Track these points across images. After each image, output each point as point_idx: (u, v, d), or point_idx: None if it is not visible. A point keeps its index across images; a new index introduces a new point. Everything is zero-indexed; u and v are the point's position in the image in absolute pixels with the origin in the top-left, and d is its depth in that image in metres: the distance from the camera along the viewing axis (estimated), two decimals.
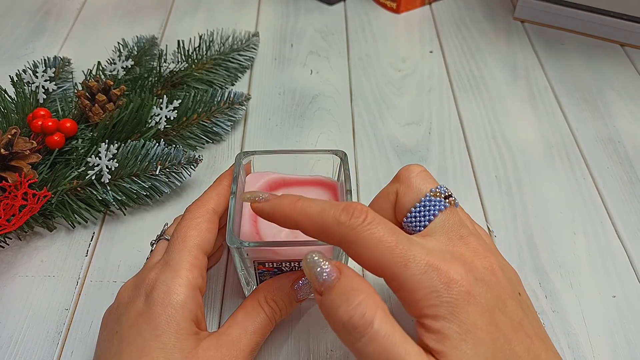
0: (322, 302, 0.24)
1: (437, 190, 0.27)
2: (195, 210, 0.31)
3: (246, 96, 0.49)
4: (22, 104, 0.44)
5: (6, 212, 0.36)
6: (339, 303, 0.23)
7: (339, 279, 0.23)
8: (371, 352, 0.22)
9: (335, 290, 0.23)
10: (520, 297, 0.25)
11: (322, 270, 0.24)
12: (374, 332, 0.22)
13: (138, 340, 0.27)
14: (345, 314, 0.22)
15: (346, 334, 0.23)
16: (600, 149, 0.47)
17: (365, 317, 0.22)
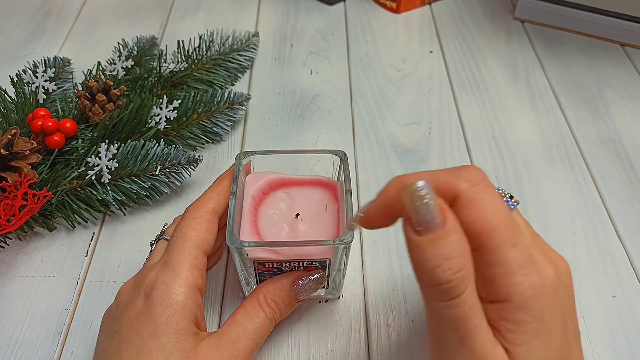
0: (417, 246, 0.21)
1: (501, 190, 0.26)
2: (195, 211, 0.31)
3: (246, 96, 0.49)
4: (22, 104, 0.44)
5: (6, 212, 0.36)
6: (439, 262, 0.21)
7: (443, 226, 0.21)
8: (451, 315, 0.21)
9: (437, 244, 0.21)
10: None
11: (427, 208, 0.21)
12: (464, 298, 0.21)
13: (137, 341, 0.27)
14: (445, 277, 0.21)
15: (434, 292, 0.21)
16: (600, 149, 0.47)
17: (461, 285, 0.21)
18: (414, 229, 0.22)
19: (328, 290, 0.35)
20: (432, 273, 0.21)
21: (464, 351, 0.21)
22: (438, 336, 0.22)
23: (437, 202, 0.21)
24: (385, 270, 0.38)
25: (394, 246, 0.39)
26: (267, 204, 0.33)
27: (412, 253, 0.22)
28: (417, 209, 0.21)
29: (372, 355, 0.33)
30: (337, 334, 0.34)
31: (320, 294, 0.35)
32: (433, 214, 0.21)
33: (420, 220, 0.21)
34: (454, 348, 0.22)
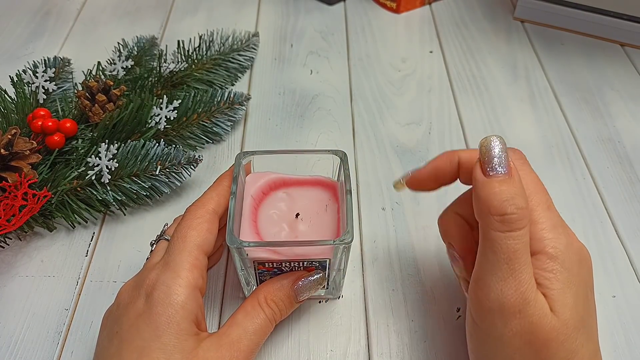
0: (485, 184, 0.25)
1: None
2: (196, 211, 0.31)
3: (246, 96, 0.49)
4: (22, 104, 0.44)
5: (6, 212, 0.36)
6: (507, 197, 0.24)
7: (510, 175, 0.25)
8: (508, 245, 0.24)
9: (505, 184, 0.25)
10: None
11: (498, 157, 0.25)
12: (522, 232, 0.24)
13: (138, 341, 0.27)
14: (511, 208, 0.24)
15: (498, 221, 0.25)
16: (600, 149, 0.47)
17: (523, 220, 0.24)
18: (484, 171, 0.25)
19: (328, 290, 0.35)
20: (500, 204, 0.24)
21: (512, 281, 0.24)
22: (490, 266, 0.25)
23: (506, 152, 0.25)
24: (385, 270, 0.38)
25: (394, 246, 0.39)
26: (267, 204, 0.33)
27: (481, 190, 0.25)
28: (490, 154, 0.25)
29: (372, 355, 0.33)
30: (337, 334, 0.34)
31: (320, 294, 0.35)
32: (504, 163, 0.25)
33: (493, 166, 0.25)
34: (503, 277, 0.24)
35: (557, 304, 0.24)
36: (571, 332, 0.24)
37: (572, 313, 0.24)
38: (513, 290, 0.24)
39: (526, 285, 0.24)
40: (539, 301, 0.24)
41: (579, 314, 0.25)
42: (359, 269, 0.38)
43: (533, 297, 0.24)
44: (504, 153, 0.25)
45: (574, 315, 0.25)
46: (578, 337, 0.25)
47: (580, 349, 0.25)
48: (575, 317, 0.25)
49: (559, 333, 0.24)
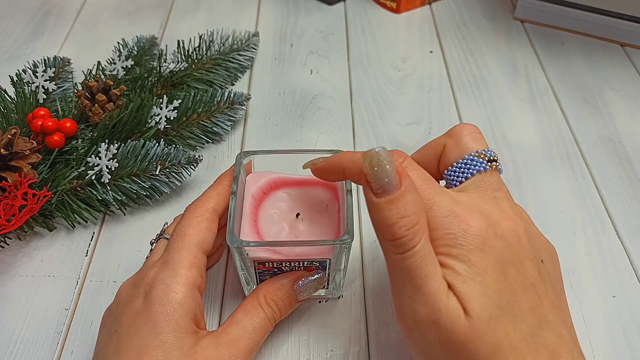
0: (376, 206, 0.24)
1: (483, 152, 0.28)
2: (195, 210, 0.31)
3: (246, 96, 0.49)
4: (22, 104, 0.44)
5: (6, 212, 0.36)
6: (395, 220, 0.23)
7: (399, 188, 0.23)
8: (406, 265, 0.24)
9: (394, 205, 0.23)
10: (542, 264, 0.26)
11: (385, 172, 0.23)
12: (416, 251, 0.23)
13: (137, 339, 0.27)
14: (400, 233, 0.23)
15: (391, 245, 0.24)
16: (600, 149, 0.47)
17: (414, 239, 0.23)
18: (374, 192, 0.24)
19: (328, 290, 0.35)
20: (389, 230, 0.24)
21: (419, 297, 0.24)
22: (398, 287, 0.25)
23: (394, 166, 0.24)
24: (385, 270, 0.38)
25: None
26: (267, 204, 0.33)
27: (372, 213, 0.24)
28: (375, 174, 0.24)
29: (372, 355, 0.33)
30: (337, 333, 0.34)
31: (320, 293, 0.35)
32: (390, 177, 0.23)
33: (379, 183, 0.24)
34: (411, 296, 0.24)
35: (465, 300, 0.23)
36: (486, 326, 0.23)
37: (482, 305, 0.23)
38: (422, 305, 0.24)
39: (434, 296, 0.23)
40: (451, 307, 0.23)
41: (493, 301, 0.24)
42: (359, 269, 0.38)
43: (444, 305, 0.23)
44: (389, 165, 0.23)
45: (485, 307, 0.23)
46: (498, 327, 0.23)
47: (504, 337, 0.23)
48: (487, 307, 0.23)
49: (473, 332, 0.23)
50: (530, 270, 0.25)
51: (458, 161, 0.28)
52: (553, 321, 0.25)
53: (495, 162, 0.27)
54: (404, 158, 0.27)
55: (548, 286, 0.26)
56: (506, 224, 0.26)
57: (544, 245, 0.28)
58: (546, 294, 0.25)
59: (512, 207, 0.27)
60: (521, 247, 0.25)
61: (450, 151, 0.29)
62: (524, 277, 0.25)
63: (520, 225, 0.26)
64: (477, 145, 0.28)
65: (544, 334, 0.24)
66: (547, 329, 0.24)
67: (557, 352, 0.24)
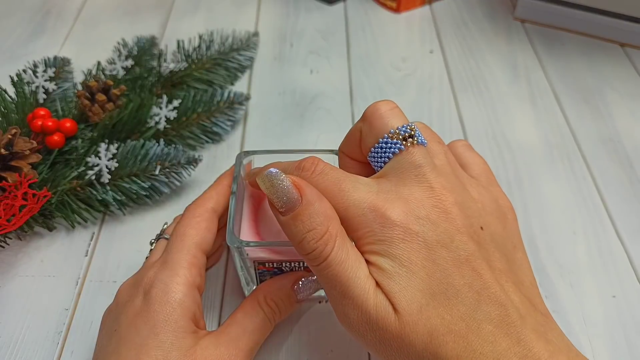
0: (284, 225, 0.25)
1: (396, 131, 0.26)
2: (195, 210, 0.31)
3: (246, 96, 0.49)
4: (22, 104, 0.44)
5: (6, 212, 0.36)
6: (303, 234, 0.24)
7: (300, 202, 0.24)
8: (326, 275, 0.24)
9: (298, 218, 0.24)
10: (482, 231, 0.25)
11: (282, 190, 0.24)
12: (330, 259, 0.23)
13: (136, 339, 0.27)
14: (309, 247, 0.24)
15: (307, 259, 0.24)
16: (600, 149, 0.47)
17: (325, 249, 0.23)
18: (279, 212, 0.24)
19: None
20: (300, 246, 0.24)
21: (347, 301, 0.24)
22: (329, 295, 0.25)
23: (290, 181, 0.24)
24: None
25: None
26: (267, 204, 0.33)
27: (284, 231, 0.25)
28: (273, 194, 0.24)
29: (372, 357, 0.33)
30: (337, 334, 0.34)
31: (320, 294, 0.35)
32: (289, 194, 0.24)
33: (280, 202, 0.24)
34: (339, 301, 0.24)
35: (391, 296, 0.23)
36: (416, 318, 0.22)
37: (409, 298, 0.23)
38: (351, 309, 0.23)
39: (360, 298, 0.23)
40: (379, 306, 0.23)
41: (421, 290, 0.23)
42: None
43: (372, 305, 0.23)
44: (284, 183, 0.24)
45: (413, 299, 0.23)
46: (431, 315, 0.22)
47: (440, 322, 0.22)
48: (415, 299, 0.23)
49: (404, 327, 0.22)
50: (462, 245, 0.24)
51: (374, 146, 0.26)
52: (497, 291, 0.23)
53: (413, 138, 0.25)
54: (315, 165, 0.25)
55: (492, 252, 0.25)
56: (430, 202, 0.24)
57: (488, 206, 0.27)
58: (487, 263, 0.24)
59: (438, 180, 0.25)
60: (450, 222, 0.24)
61: (365, 136, 0.27)
62: (456, 254, 0.23)
63: (448, 198, 0.24)
64: (393, 123, 0.26)
65: (486, 308, 0.23)
66: (489, 301, 0.23)
67: (503, 323, 0.23)
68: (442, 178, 0.25)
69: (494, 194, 0.28)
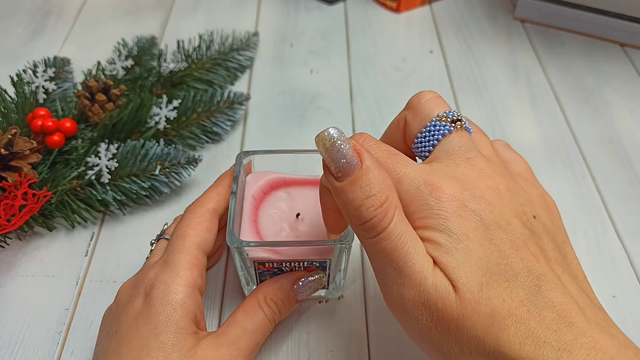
0: (339, 191, 0.23)
1: (444, 114, 0.26)
2: (195, 210, 0.31)
3: (246, 96, 0.49)
4: (22, 104, 0.44)
5: (6, 212, 0.36)
6: (361, 200, 0.22)
7: (360, 167, 0.22)
8: (382, 248, 0.22)
9: (357, 185, 0.22)
10: (535, 219, 0.25)
11: (341, 153, 0.22)
12: (389, 231, 0.22)
13: (137, 340, 0.27)
14: (367, 215, 0.22)
15: (362, 230, 0.23)
16: (600, 149, 0.47)
17: (385, 219, 0.22)
18: (335, 176, 0.23)
19: (328, 290, 0.35)
20: (356, 213, 0.22)
21: (403, 280, 0.22)
22: (380, 273, 0.23)
23: (351, 144, 0.23)
24: None
25: None
26: (267, 204, 0.33)
27: (338, 199, 0.23)
28: (331, 156, 0.23)
29: (372, 356, 0.33)
30: (337, 334, 0.34)
31: (320, 294, 0.35)
32: (347, 157, 0.22)
33: (337, 166, 0.22)
34: (395, 280, 0.23)
35: (450, 271, 0.22)
36: (477, 296, 0.21)
37: (468, 274, 0.22)
38: (408, 288, 0.22)
39: (419, 276, 0.22)
40: (439, 284, 0.22)
41: (480, 267, 0.22)
42: (359, 269, 0.38)
43: (431, 284, 0.22)
44: (344, 144, 0.22)
45: (473, 275, 0.22)
46: (491, 295, 0.21)
47: (501, 304, 0.21)
48: (475, 275, 0.22)
49: (465, 305, 0.21)
50: (519, 229, 0.23)
51: (422, 131, 0.26)
52: (555, 279, 0.22)
53: (460, 122, 0.25)
54: (365, 137, 0.25)
55: (546, 242, 0.24)
56: (484, 183, 0.24)
57: (537, 199, 0.26)
58: (542, 251, 0.23)
59: (489, 165, 0.25)
60: (505, 206, 0.23)
61: (411, 123, 0.27)
62: (513, 236, 0.23)
63: (501, 182, 0.24)
64: (438, 110, 0.26)
65: (547, 294, 0.22)
66: (550, 288, 0.22)
67: (565, 312, 0.21)
68: (492, 164, 0.25)
69: (539, 190, 0.28)
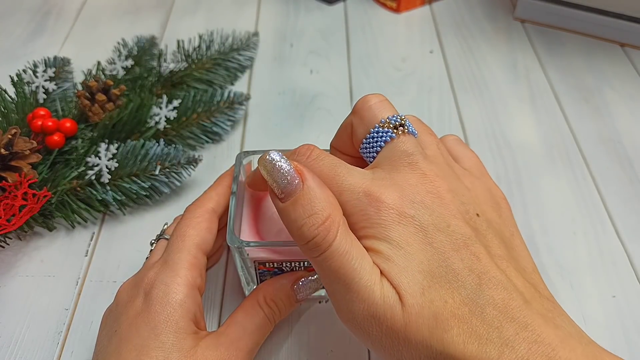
0: (283, 212, 0.23)
1: (387, 120, 0.26)
2: (195, 210, 0.31)
3: (246, 96, 0.49)
4: (22, 104, 0.44)
5: (6, 212, 0.36)
6: (303, 219, 0.22)
7: (302, 187, 0.23)
8: (328, 266, 0.23)
9: (298, 203, 0.23)
10: (478, 217, 0.25)
11: (282, 175, 0.23)
12: (334, 249, 0.22)
13: (137, 340, 0.27)
14: (310, 233, 0.22)
15: (307, 249, 0.23)
16: (600, 149, 0.47)
17: (328, 237, 0.22)
18: (279, 198, 0.23)
19: None
20: (299, 233, 0.23)
21: (351, 295, 0.22)
22: (329, 288, 0.24)
23: (292, 165, 0.23)
24: None
25: None
26: (267, 204, 0.33)
27: (283, 220, 0.24)
28: (273, 177, 0.23)
29: (372, 356, 0.33)
30: (337, 334, 0.34)
31: (320, 294, 0.35)
32: (289, 177, 0.23)
33: (280, 186, 0.23)
34: (343, 295, 0.23)
35: (392, 278, 0.22)
36: (421, 300, 0.22)
37: (410, 279, 0.22)
38: (357, 304, 0.22)
39: (367, 290, 0.22)
40: (386, 295, 0.22)
41: (421, 271, 0.22)
42: None
43: (379, 295, 0.22)
44: (285, 166, 0.23)
45: (414, 279, 0.22)
46: (434, 297, 0.22)
47: (443, 306, 0.21)
48: (416, 279, 0.22)
49: (410, 311, 0.21)
50: (459, 229, 0.23)
51: (366, 137, 0.26)
52: (497, 275, 0.23)
53: (403, 127, 0.26)
54: (311, 151, 0.25)
55: (490, 238, 0.24)
56: (424, 187, 0.24)
57: (481, 195, 0.26)
58: (485, 248, 0.23)
59: (431, 168, 0.25)
60: (445, 207, 0.24)
61: (357, 128, 0.27)
62: (453, 238, 0.23)
63: (441, 185, 0.24)
64: (383, 114, 0.26)
65: (488, 292, 0.22)
66: (491, 285, 0.22)
67: (507, 307, 0.22)
68: (434, 166, 0.25)
69: (487, 184, 0.28)
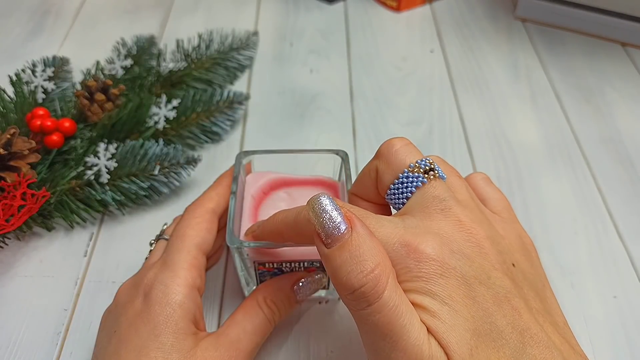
0: (328, 258, 0.22)
1: (417, 165, 0.25)
2: (195, 210, 0.31)
3: (245, 96, 0.49)
4: (21, 104, 0.44)
5: (5, 212, 0.35)
6: (351, 267, 0.21)
7: (350, 234, 0.21)
8: (375, 322, 0.21)
9: (346, 250, 0.21)
10: (514, 268, 0.24)
11: (331, 220, 0.21)
12: (383, 302, 0.20)
13: (136, 340, 0.26)
14: (357, 281, 0.20)
15: (352, 300, 0.21)
16: (601, 149, 0.47)
17: (378, 286, 0.20)
18: (324, 243, 0.22)
19: (328, 291, 0.35)
20: (345, 281, 0.21)
21: (397, 353, 0.21)
22: (371, 346, 0.22)
23: (342, 210, 0.22)
24: None
25: None
26: (267, 204, 0.33)
27: (327, 267, 0.22)
28: (322, 221, 0.21)
29: None
30: (337, 335, 0.34)
31: (320, 294, 0.35)
32: (336, 222, 0.21)
33: (327, 231, 0.21)
34: (388, 353, 0.21)
35: (441, 338, 0.21)
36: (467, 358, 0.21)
37: (458, 338, 0.21)
38: None
39: (416, 350, 0.20)
40: (434, 356, 0.21)
41: (467, 329, 0.21)
42: None
43: (427, 356, 0.20)
44: (335, 210, 0.21)
45: (462, 338, 0.21)
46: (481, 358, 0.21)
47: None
48: (464, 338, 0.21)
49: None
50: (499, 282, 0.23)
51: (394, 182, 0.25)
52: (538, 332, 0.22)
53: (433, 171, 0.25)
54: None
55: (526, 291, 0.24)
56: (461, 236, 0.23)
57: (514, 243, 0.26)
58: (524, 302, 0.23)
59: (466, 214, 0.24)
60: (484, 258, 0.23)
61: (383, 174, 0.26)
62: (495, 292, 0.22)
63: (479, 232, 0.23)
64: (410, 159, 0.25)
65: (531, 351, 0.22)
66: (533, 343, 0.22)
67: None
68: (468, 211, 0.24)
69: (517, 231, 0.27)
